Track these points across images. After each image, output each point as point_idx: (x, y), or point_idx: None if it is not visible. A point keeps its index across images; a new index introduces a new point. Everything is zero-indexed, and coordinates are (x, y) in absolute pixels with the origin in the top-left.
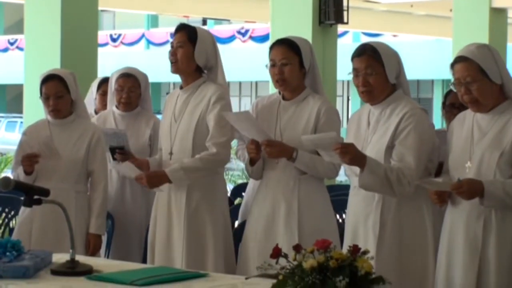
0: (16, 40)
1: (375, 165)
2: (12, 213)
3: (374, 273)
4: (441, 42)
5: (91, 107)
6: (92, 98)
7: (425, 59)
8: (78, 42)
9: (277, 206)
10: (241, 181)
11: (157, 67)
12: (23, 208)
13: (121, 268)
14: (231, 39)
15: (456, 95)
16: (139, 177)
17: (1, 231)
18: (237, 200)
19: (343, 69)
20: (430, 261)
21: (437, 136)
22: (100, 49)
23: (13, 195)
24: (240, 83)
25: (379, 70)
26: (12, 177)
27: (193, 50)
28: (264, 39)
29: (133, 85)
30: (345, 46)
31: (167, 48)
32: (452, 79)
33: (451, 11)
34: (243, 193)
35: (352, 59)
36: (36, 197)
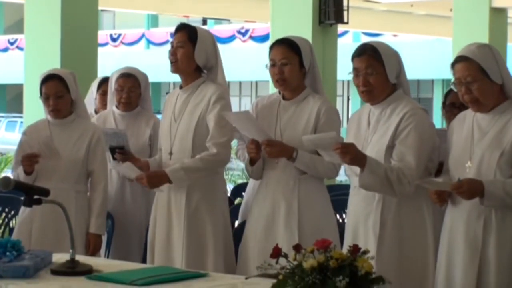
0: (16, 40)
1: (376, 165)
2: (12, 213)
3: (374, 273)
4: (441, 41)
5: (91, 107)
6: (92, 98)
7: (425, 59)
8: (78, 42)
9: (277, 206)
10: (241, 181)
11: (157, 67)
12: (23, 208)
13: (121, 268)
14: (231, 39)
15: (456, 94)
16: (139, 177)
17: (1, 231)
18: (237, 200)
19: (343, 69)
20: (430, 261)
21: (437, 134)
22: (100, 49)
23: (13, 195)
24: (240, 83)
25: (379, 70)
26: (12, 177)
27: (193, 50)
28: (264, 39)
29: (133, 85)
30: (345, 46)
31: (167, 48)
32: (452, 78)
33: (451, 10)
34: (243, 193)
35: (352, 59)
36: (36, 197)
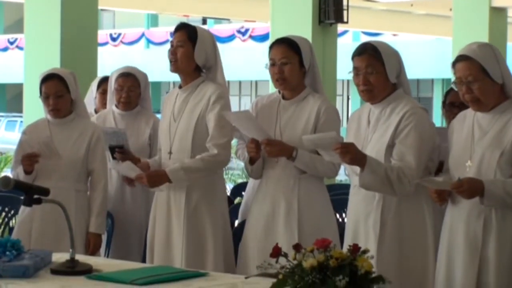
0: (16, 39)
1: (376, 164)
2: (12, 212)
3: (374, 272)
4: (441, 41)
5: (91, 106)
6: (92, 97)
7: (425, 58)
8: (78, 41)
9: (277, 205)
10: (241, 180)
11: (157, 66)
12: (22, 207)
13: (121, 267)
14: (231, 38)
15: (456, 94)
16: (139, 176)
17: (0, 230)
18: (237, 199)
19: (343, 68)
20: (430, 260)
21: (437, 133)
22: (100, 48)
23: (13, 195)
24: (240, 82)
25: (379, 69)
26: (11, 177)
27: (193, 49)
28: (264, 38)
29: (132, 85)
30: (345, 45)
31: (167, 47)
32: (453, 78)
33: (451, 10)
34: (243, 192)
35: (352, 58)
36: (36, 196)
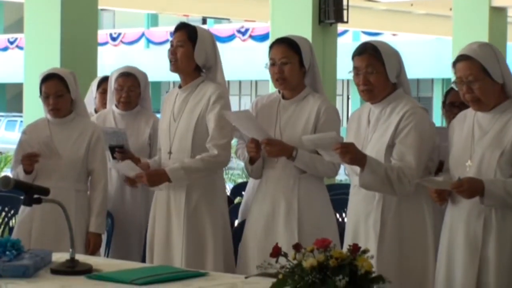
0: (16, 39)
1: (376, 164)
2: (11, 212)
3: (374, 272)
4: (441, 41)
5: (91, 106)
6: (92, 97)
7: (425, 58)
8: (78, 41)
9: (277, 205)
10: (241, 180)
11: (157, 66)
12: (22, 207)
13: (121, 267)
14: (231, 38)
15: (456, 94)
16: (139, 175)
17: (0, 230)
18: (237, 199)
19: (343, 68)
20: (430, 260)
21: (437, 133)
22: (100, 48)
23: (13, 194)
24: (240, 82)
25: (379, 69)
26: (11, 176)
27: (193, 49)
28: (264, 38)
29: (132, 84)
30: (345, 45)
31: (167, 47)
32: (453, 77)
33: (451, 10)
34: (243, 192)
35: (352, 58)
36: (36, 196)
